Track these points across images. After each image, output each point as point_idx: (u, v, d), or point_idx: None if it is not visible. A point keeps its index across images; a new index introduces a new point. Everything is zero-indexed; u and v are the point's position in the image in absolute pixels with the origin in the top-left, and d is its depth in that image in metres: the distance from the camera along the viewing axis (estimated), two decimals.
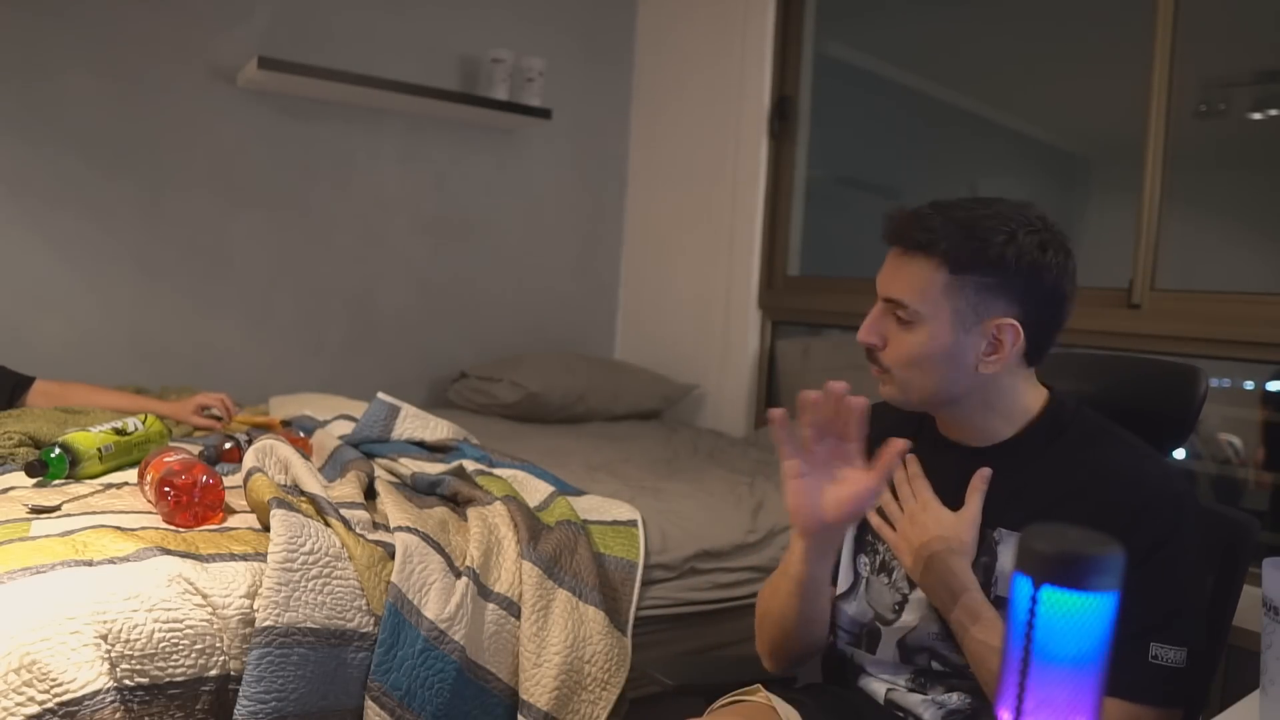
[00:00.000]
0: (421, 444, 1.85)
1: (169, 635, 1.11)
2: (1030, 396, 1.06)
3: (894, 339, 1.04)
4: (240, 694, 1.13)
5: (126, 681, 1.07)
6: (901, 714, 1.09)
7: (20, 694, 1.00)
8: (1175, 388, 1.16)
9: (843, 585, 1.16)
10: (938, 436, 1.12)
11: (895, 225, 1.04)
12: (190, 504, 1.32)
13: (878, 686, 1.12)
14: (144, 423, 1.70)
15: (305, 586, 1.21)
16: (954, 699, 1.06)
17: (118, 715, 1.04)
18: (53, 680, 1.01)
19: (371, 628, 1.25)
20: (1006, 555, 1.01)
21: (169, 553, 1.19)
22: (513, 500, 1.54)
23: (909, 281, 1.02)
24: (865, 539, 1.15)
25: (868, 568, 1.14)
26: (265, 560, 1.21)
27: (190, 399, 2.02)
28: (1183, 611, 0.94)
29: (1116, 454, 1.00)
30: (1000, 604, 1.00)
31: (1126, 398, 1.18)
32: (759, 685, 1.15)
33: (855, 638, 1.14)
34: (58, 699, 1.01)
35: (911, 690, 1.09)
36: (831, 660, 1.20)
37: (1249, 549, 1.07)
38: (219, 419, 2.01)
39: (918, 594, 1.07)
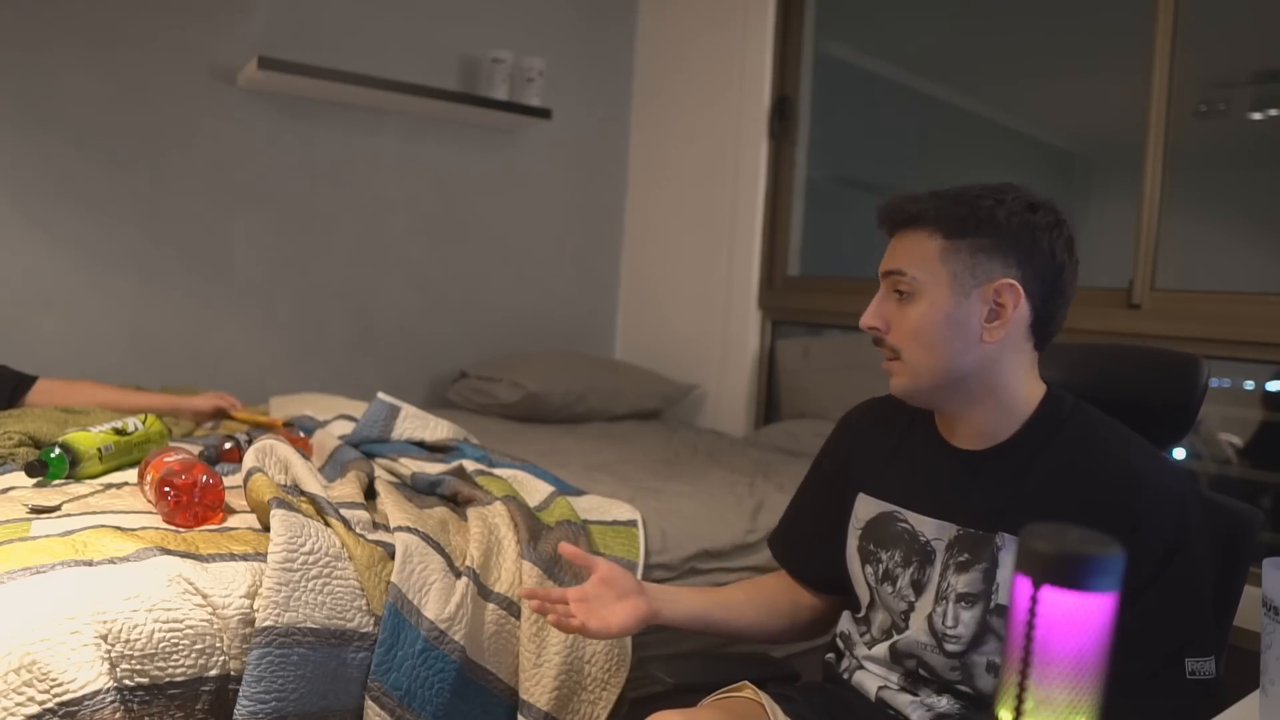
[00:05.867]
0: (421, 444, 1.85)
1: (169, 635, 1.11)
2: (1031, 389, 1.05)
3: (897, 318, 1.05)
4: (240, 694, 1.13)
5: (126, 681, 1.07)
6: (892, 713, 1.08)
7: (20, 694, 1.00)
8: (1175, 378, 1.12)
9: (862, 602, 1.16)
10: (933, 436, 1.11)
11: (885, 208, 1.07)
12: (190, 504, 1.32)
13: (870, 683, 1.11)
14: (144, 423, 1.70)
15: (305, 586, 1.21)
16: (944, 702, 1.05)
17: (118, 715, 1.04)
18: (53, 680, 1.01)
19: (371, 628, 1.25)
20: (1009, 561, 0.99)
21: (169, 553, 1.19)
22: (513, 500, 1.54)
23: (905, 252, 1.04)
24: (868, 548, 1.14)
25: (873, 577, 1.13)
26: (265, 560, 1.21)
27: (207, 395, 2.05)
28: (1208, 619, 0.94)
29: (1115, 453, 0.99)
30: (1004, 612, 0.99)
31: (1123, 389, 1.14)
32: (745, 683, 1.15)
33: (874, 638, 1.14)
34: (58, 699, 1.01)
35: (902, 689, 1.08)
36: (829, 657, 1.20)
37: (1251, 540, 1.05)
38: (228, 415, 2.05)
39: (922, 602, 1.07)
